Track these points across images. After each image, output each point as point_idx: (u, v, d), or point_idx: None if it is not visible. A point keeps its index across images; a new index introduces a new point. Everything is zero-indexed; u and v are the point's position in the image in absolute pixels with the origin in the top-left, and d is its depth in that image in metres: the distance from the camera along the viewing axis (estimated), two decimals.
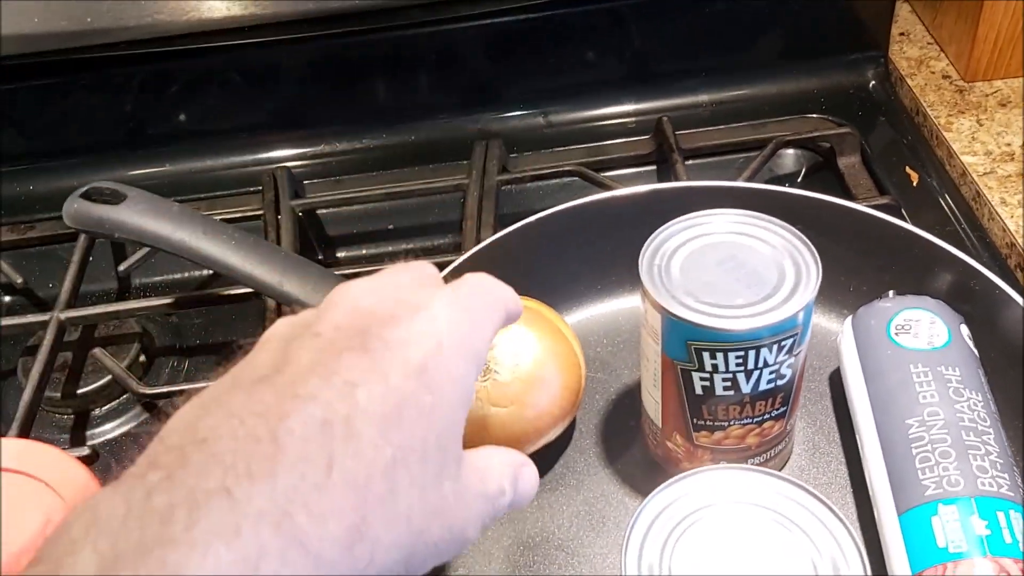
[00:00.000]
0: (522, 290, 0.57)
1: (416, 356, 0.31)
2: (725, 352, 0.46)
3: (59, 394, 0.68)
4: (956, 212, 0.73)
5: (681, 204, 0.52)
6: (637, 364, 0.60)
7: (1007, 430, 0.50)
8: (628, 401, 0.59)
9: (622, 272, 0.64)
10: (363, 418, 0.28)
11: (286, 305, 0.57)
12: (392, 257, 0.78)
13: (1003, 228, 0.69)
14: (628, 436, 0.57)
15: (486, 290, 0.36)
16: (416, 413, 0.30)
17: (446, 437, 0.31)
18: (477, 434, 0.52)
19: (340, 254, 0.81)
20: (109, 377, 0.68)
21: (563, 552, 0.52)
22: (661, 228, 0.50)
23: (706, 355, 0.46)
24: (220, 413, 0.28)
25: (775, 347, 0.46)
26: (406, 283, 0.35)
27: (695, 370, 0.47)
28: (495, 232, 0.64)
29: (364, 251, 0.82)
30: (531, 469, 0.37)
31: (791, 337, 0.46)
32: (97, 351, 0.67)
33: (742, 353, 0.46)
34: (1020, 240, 0.67)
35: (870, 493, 0.49)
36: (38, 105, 0.84)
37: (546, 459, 0.56)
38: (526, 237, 0.60)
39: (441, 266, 0.59)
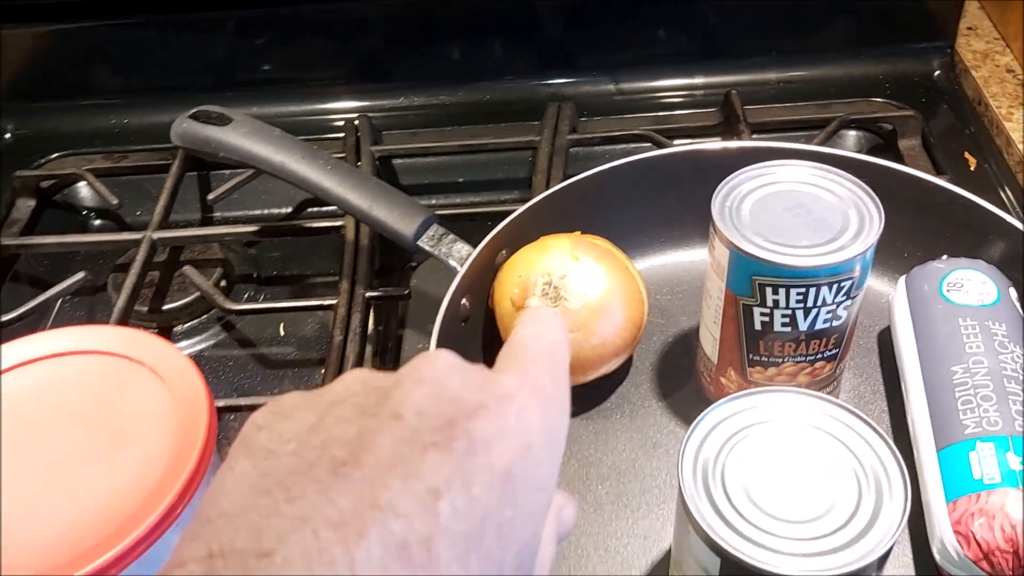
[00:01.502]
0: (593, 231, 0.61)
1: (502, 461, 0.28)
2: (787, 288, 0.49)
3: (146, 308, 0.73)
4: (1011, 197, 0.75)
5: (748, 163, 0.55)
6: (694, 312, 0.64)
7: None
8: (684, 345, 0.63)
9: (686, 227, 0.67)
10: (443, 539, 0.26)
11: (373, 228, 0.61)
12: (460, 208, 0.82)
13: None
14: (682, 375, 0.61)
15: (564, 364, 0.34)
16: (496, 531, 0.28)
17: (523, 555, 0.29)
18: None
19: None
20: (194, 296, 0.73)
21: (615, 472, 0.56)
22: (734, 174, 0.53)
23: (768, 290, 0.50)
24: (291, 514, 0.25)
25: (835, 287, 0.49)
26: (488, 371, 0.32)
27: (757, 305, 0.51)
28: None
29: (434, 201, 0.85)
30: (569, 510, 0.35)
31: (850, 279, 0.49)
32: (186, 268, 0.71)
33: (803, 290, 0.49)
34: None
35: (911, 432, 0.52)
36: (135, 43, 0.89)
37: (603, 390, 0.60)
38: (599, 185, 0.64)
39: (507, 215, 0.63)
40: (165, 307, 0.73)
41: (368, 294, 0.68)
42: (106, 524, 0.45)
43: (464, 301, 0.58)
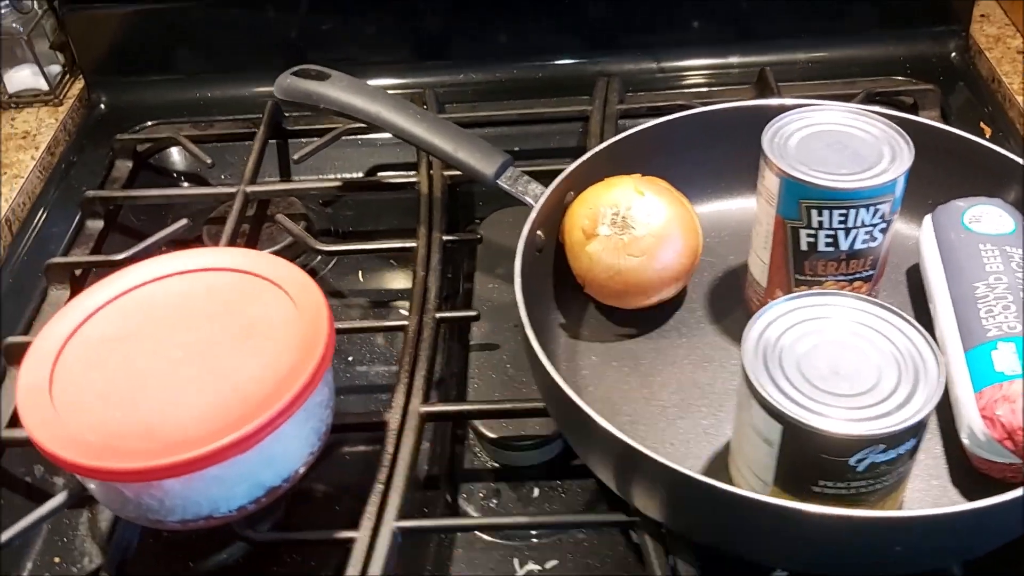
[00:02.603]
0: (649, 174, 0.69)
1: None
2: (831, 210, 0.57)
3: None
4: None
5: None
6: (740, 252, 0.71)
7: None
8: (732, 279, 0.70)
9: (731, 179, 0.75)
10: None
11: (457, 168, 0.68)
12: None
13: None
14: (731, 303, 0.68)
15: None
16: None
17: None
18: (612, 279, 0.63)
19: None
20: (283, 243, 0.80)
21: (675, 381, 0.63)
22: (778, 117, 0.61)
23: (814, 212, 0.57)
24: None
25: (872, 209, 0.57)
26: None
27: (803, 227, 0.58)
28: None
29: None
30: None
31: (885, 201, 0.57)
32: (279, 216, 0.79)
33: (844, 211, 0.57)
34: None
35: (939, 340, 0.60)
36: (214, 24, 0.97)
37: (662, 316, 0.67)
38: (654, 137, 0.71)
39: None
40: None
41: (444, 237, 0.75)
42: (241, 405, 0.53)
43: (539, 232, 0.66)
